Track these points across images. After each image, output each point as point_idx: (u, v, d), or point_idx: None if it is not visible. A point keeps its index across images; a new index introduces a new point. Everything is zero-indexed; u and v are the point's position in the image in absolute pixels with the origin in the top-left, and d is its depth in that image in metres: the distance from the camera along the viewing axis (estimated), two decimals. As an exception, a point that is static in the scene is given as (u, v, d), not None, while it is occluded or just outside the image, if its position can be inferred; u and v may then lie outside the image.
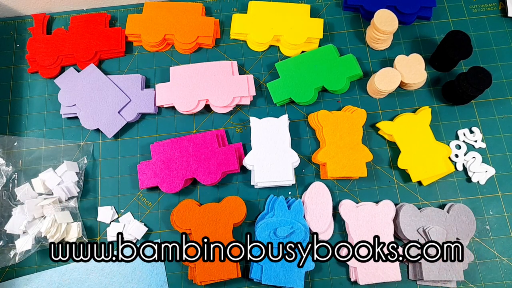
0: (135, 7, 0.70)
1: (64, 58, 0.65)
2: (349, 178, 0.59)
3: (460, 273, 0.53)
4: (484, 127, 0.61)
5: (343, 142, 0.58)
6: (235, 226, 0.56)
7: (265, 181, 0.57)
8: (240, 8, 0.69)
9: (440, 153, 0.58)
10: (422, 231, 0.54)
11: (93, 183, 0.60)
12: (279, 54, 0.66)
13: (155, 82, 0.65)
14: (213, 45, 0.67)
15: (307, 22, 0.65)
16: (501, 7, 0.67)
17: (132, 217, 0.58)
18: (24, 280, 0.56)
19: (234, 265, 0.53)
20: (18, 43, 0.68)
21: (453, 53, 0.59)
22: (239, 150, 0.60)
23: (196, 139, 0.59)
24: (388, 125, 0.60)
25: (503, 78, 0.63)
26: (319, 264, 0.56)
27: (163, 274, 0.55)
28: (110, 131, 0.61)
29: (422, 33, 0.66)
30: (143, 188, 0.58)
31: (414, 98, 0.63)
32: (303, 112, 0.63)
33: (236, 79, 0.62)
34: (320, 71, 0.62)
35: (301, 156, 0.60)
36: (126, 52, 0.67)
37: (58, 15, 0.69)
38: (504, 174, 0.59)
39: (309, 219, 0.56)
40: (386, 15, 0.61)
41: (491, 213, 0.57)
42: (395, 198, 0.58)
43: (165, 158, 0.58)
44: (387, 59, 0.65)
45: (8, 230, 0.56)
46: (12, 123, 0.63)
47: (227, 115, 0.63)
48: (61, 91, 0.63)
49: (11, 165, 0.60)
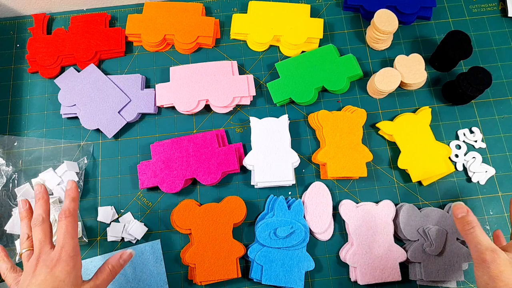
0: (135, 7, 0.70)
1: (64, 58, 0.65)
2: (349, 178, 0.59)
3: (460, 273, 0.53)
4: (484, 127, 0.61)
5: (343, 142, 0.58)
6: (235, 226, 0.56)
7: (265, 181, 0.57)
8: (240, 8, 0.69)
9: (440, 153, 0.58)
10: (422, 231, 0.54)
11: (93, 183, 0.60)
12: (279, 54, 0.66)
13: (155, 82, 0.65)
14: (213, 45, 0.67)
15: (307, 22, 0.65)
16: (501, 7, 0.67)
17: (132, 217, 0.58)
18: (24, 280, 0.56)
19: (234, 265, 0.53)
20: (18, 43, 0.68)
21: (453, 53, 0.59)
22: (239, 150, 0.60)
23: (196, 139, 0.59)
24: (388, 125, 0.60)
25: (503, 78, 0.63)
26: (319, 264, 0.56)
27: (163, 274, 0.55)
28: (110, 131, 0.61)
29: (422, 33, 0.66)
30: (143, 188, 0.58)
31: (414, 98, 0.63)
32: (303, 112, 0.63)
33: (236, 79, 0.62)
34: (320, 71, 0.62)
35: (301, 156, 0.60)
36: (126, 52, 0.67)
37: (58, 15, 0.69)
38: (504, 174, 0.59)
39: (309, 219, 0.56)
40: (386, 15, 0.61)
41: (491, 213, 0.57)
42: (395, 198, 0.58)
43: (165, 158, 0.58)
44: (387, 59, 0.65)
45: (8, 230, 0.56)
46: (12, 123, 0.63)
47: (227, 115, 0.63)
48: (61, 91, 0.63)
49: (11, 165, 0.60)
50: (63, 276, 0.41)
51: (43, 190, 0.49)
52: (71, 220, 0.45)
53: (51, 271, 0.41)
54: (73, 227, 0.45)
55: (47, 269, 0.41)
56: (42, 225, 0.45)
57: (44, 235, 0.45)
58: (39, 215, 0.46)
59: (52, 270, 0.41)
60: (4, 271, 0.46)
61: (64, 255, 0.42)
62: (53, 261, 0.42)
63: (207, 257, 0.54)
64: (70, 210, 0.46)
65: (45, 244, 0.44)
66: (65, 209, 0.46)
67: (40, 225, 0.45)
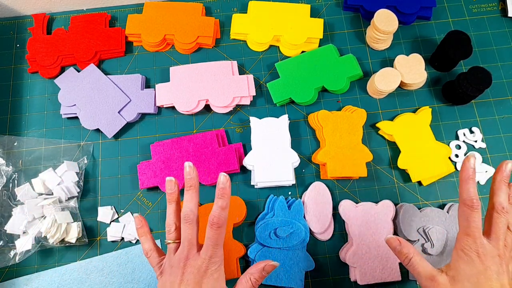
0: (135, 7, 0.70)
1: (64, 58, 0.65)
2: (349, 178, 0.59)
3: (460, 273, 0.53)
4: (484, 127, 0.61)
5: (343, 142, 0.58)
6: (235, 226, 0.56)
7: (265, 181, 0.57)
8: (240, 8, 0.69)
9: (440, 153, 0.58)
10: (422, 231, 0.54)
11: (93, 183, 0.60)
12: (279, 54, 0.66)
13: (155, 82, 0.65)
14: (213, 45, 0.67)
15: (307, 22, 0.65)
16: (501, 7, 0.67)
17: (132, 217, 0.58)
18: (24, 280, 0.56)
19: (234, 265, 0.53)
20: (18, 43, 0.68)
21: (453, 53, 0.59)
22: (239, 150, 0.60)
23: (196, 139, 0.59)
24: (388, 125, 0.60)
25: (503, 78, 0.63)
26: (319, 264, 0.56)
27: (163, 274, 0.55)
28: (110, 131, 0.61)
29: (422, 33, 0.66)
30: (143, 188, 0.58)
31: (414, 98, 0.63)
32: (303, 112, 0.63)
33: (236, 79, 0.62)
34: (320, 71, 0.62)
35: (301, 156, 0.60)
36: (126, 52, 0.67)
37: (58, 15, 0.69)
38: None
39: (309, 219, 0.56)
40: (386, 15, 0.61)
41: (491, 213, 0.57)
42: (395, 198, 0.58)
43: (165, 158, 0.58)
44: (387, 59, 0.65)
45: (8, 230, 0.56)
46: (12, 123, 0.63)
47: (227, 115, 0.63)
48: (61, 91, 0.63)
49: (11, 165, 0.60)
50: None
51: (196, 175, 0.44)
52: (222, 231, 0.42)
53: (197, 284, 0.40)
54: (221, 237, 0.42)
55: (194, 279, 0.40)
56: (193, 224, 0.42)
57: (194, 235, 0.42)
58: (191, 211, 0.43)
59: (199, 283, 0.40)
60: (148, 251, 0.45)
61: (211, 266, 0.41)
62: (200, 271, 0.41)
63: (207, 257, 0.54)
64: (222, 220, 0.41)
65: (194, 247, 0.42)
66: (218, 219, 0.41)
67: (191, 223, 0.42)
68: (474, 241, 0.40)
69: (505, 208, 0.41)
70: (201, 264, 0.41)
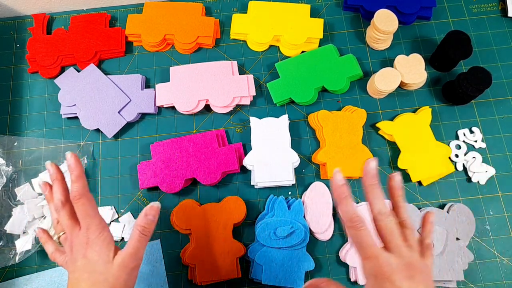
0: (135, 7, 0.70)
1: (64, 58, 0.65)
2: (349, 178, 0.59)
3: (460, 273, 0.53)
4: (484, 127, 0.61)
5: (343, 142, 0.58)
6: (235, 226, 0.56)
7: (265, 181, 0.57)
8: (240, 8, 0.69)
9: (440, 153, 0.58)
10: (422, 231, 0.54)
11: (93, 183, 0.60)
12: (279, 54, 0.66)
13: (155, 82, 0.65)
14: (213, 45, 0.67)
15: (307, 22, 0.65)
16: (501, 7, 0.67)
17: (132, 217, 0.58)
18: (24, 280, 0.56)
19: (234, 265, 0.53)
20: (18, 43, 0.68)
21: (453, 53, 0.59)
22: (239, 150, 0.60)
23: (196, 139, 0.59)
24: (388, 125, 0.60)
25: (503, 78, 0.63)
26: (319, 264, 0.56)
27: (163, 274, 0.55)
28: (110, 131, 0.61)
29: (422, 33, 0.66)
30: (143, 188, 0.58)
31: (414, 98, 0.63)
32: (303, 112, 0.63)
33: (236, 79, 0.62)
34: (320, 71, 0.62)
35: (301, 156, 0.60)
36: (126, 52, 0.67)
37: (58, 15, 0.69)
38: (504, 174, 0.59)
39: (309, 219, 0.56)
40: (386, 15, 0.61)
41: (491, 213, 0.57)
42: (395, 198, 0.58)
43: (165, 158, 0.58)
44: (387, 59, 0.65)
45: (8, 230, 0.56)
46: (12, 123, 0.63)
47: (227, 115, 0.63)
48: (61, 91, 0.63)
49: (11, 165, 0.60)
50: (95, 257, 0.42)
51: (55, 170, 0.46)
52: (84, 202, 0.43)
53: (84, 257, 0.42)
54: (89, 207, 0.43)
55: (80, 255, 0.42)
56: (63, 209, 0.44)
57: (68, 218, 0.44)
58: (58, 200, 0.44)
59: (85, 255, 0.42)
60: (51, 253, 0.47)
61: (91, 236, 0.43)
62: (83, 244, 0.43)
63: (207, 257, 0.54)
64: (79, 191, 0.43)
65: (73, 227, 0.44)
66: (74, 193, 0.43)
67: (61, 209, 0.44)
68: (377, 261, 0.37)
69: (386, 213, 0.39)
70: (82, 239, 0.43)
